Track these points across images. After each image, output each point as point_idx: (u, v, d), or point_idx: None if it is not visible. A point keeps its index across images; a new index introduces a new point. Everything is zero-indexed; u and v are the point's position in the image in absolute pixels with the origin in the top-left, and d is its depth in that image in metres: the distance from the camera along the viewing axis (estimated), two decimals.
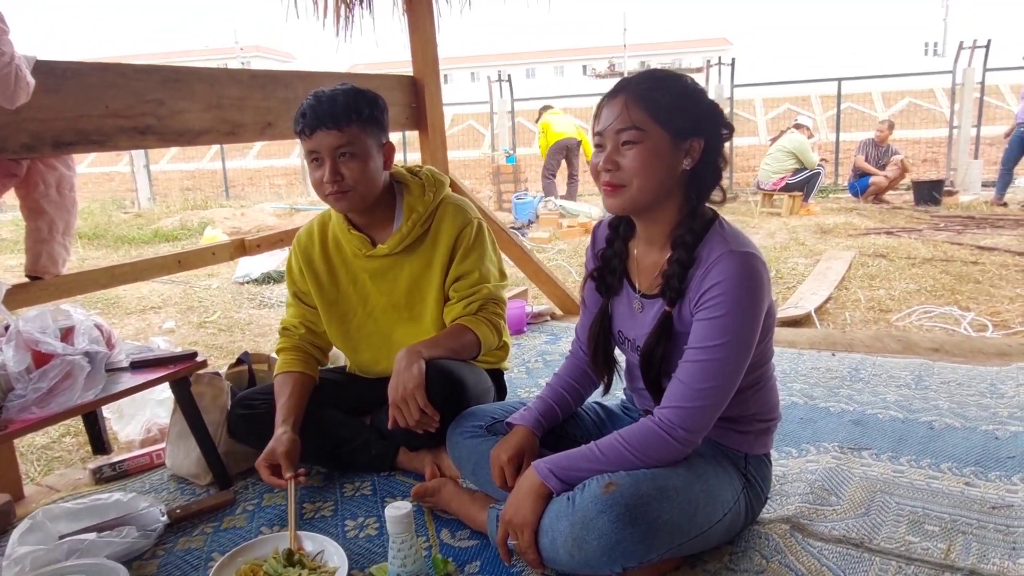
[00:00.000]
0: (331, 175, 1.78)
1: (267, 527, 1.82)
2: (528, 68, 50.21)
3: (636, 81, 1.40)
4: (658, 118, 1.36)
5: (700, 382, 1.37)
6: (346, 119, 1.76)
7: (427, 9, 3.19)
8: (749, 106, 18.52)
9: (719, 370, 1.37)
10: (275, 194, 14.43)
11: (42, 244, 2.20)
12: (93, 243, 8.93)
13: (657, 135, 1.37)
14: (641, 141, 1.37)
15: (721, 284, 1.35)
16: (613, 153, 1.39)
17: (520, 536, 1.42)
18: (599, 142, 1.42)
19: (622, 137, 1.38)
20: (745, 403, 1.53)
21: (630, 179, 1.39)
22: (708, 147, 1.41)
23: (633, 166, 1.38)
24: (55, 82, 1.97)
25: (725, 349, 1.36)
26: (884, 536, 1.60)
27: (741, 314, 1.35)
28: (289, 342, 2.05)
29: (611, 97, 1.41)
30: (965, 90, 10.47)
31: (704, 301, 1.37)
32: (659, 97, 1.37)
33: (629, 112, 1.36)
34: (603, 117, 1.41)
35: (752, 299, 1.36)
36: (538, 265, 3.65)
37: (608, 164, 1.40)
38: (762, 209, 8.87)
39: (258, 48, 50.91)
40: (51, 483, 2.21)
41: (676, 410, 1.38)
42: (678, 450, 1.39)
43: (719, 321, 1.35)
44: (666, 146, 1.37)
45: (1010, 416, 2.19)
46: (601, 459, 1.41)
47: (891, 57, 27.69)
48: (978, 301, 4.38)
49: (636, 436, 1.41)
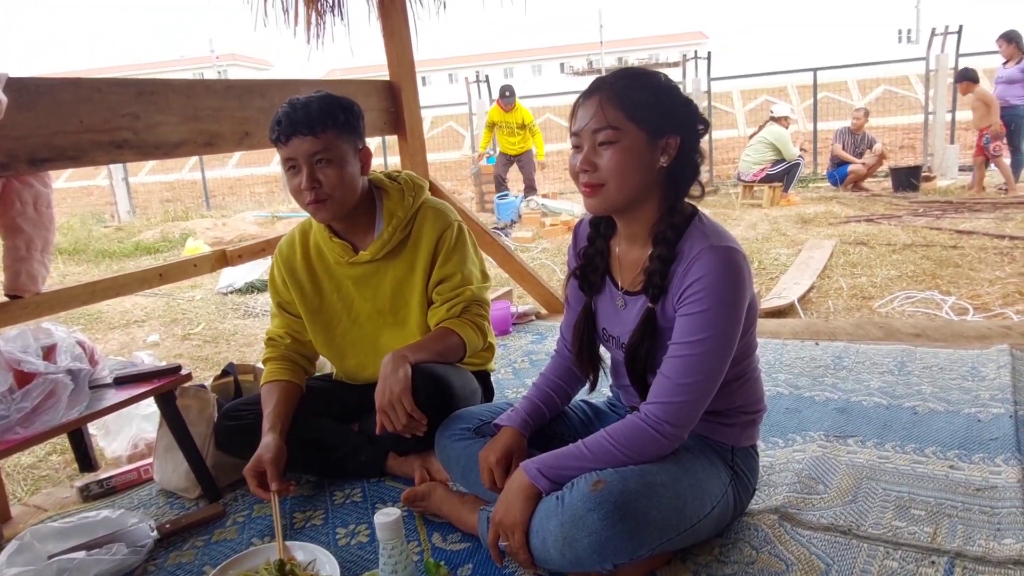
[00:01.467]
0: (308, 182, 1.78)
1: (258, 539, 1.81)
2: (506, 68, 50.19)
3: (610, 80, 1.41)
4: (633, 117, 1.37)
5: (684, 377, 1.38)
6: (321, 125, 1.76)
7: (401, 13, 3.19)
8: (727, 99, 18.65)
9: (703, 364, 1.38)
10: (256, 202, 14.35)
11: (20, 262, 2.18)
12: (73, 258, 8.85)
13: (633, 134, 1.37)
14: (617, 141, 1.37)
15: (703, 279, 1.36)
16: (590, 154, 1.40)
17: (511, 537, 1.42)
18: (576, 143, 1.42)
19: (598, 137, 1.38)
20: (730, 396, 1.54)
21: (608, 179, 1.39)
22: (684, 143, 1.42)
23: (610, 166, 1.38)
24: (28, 99, 1.96)
25: (708, 343, 1.37)
26: (871, 522, 1.62)
27: (723, 308, 1.37)
28: (275, 352, 2.05)
29: (586, 97, 1.42)
30: (939, 76, 10.56)
31: (686, 296, 1.38)
32: (634, 96, 1.38)
33: (604, 112, 1.37)
34: (579, 117, 1.41)
35: (734, 293, 1.37)
36: (522, 265, 3.66)
37: (585, 165, 1.40)
38: (743, 201, 8.92)
39: (234, 56, 50.58)
40: (38, 503, 2.20)
41: (662, 405, 1.39)
42: (665, 445, 1.40)
43: (702, 316, 1.36)
44: (642, 144, 1.38)
45: (992, 398, 2.21)
46: (589, 457, 1.42)
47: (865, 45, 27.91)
48: (958, 285, 4.42)
49: (623, 433, 1.41)
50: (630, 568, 1.41)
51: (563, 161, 15.85)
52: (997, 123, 7.82)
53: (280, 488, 1.75)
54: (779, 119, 9.00)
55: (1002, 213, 6.74)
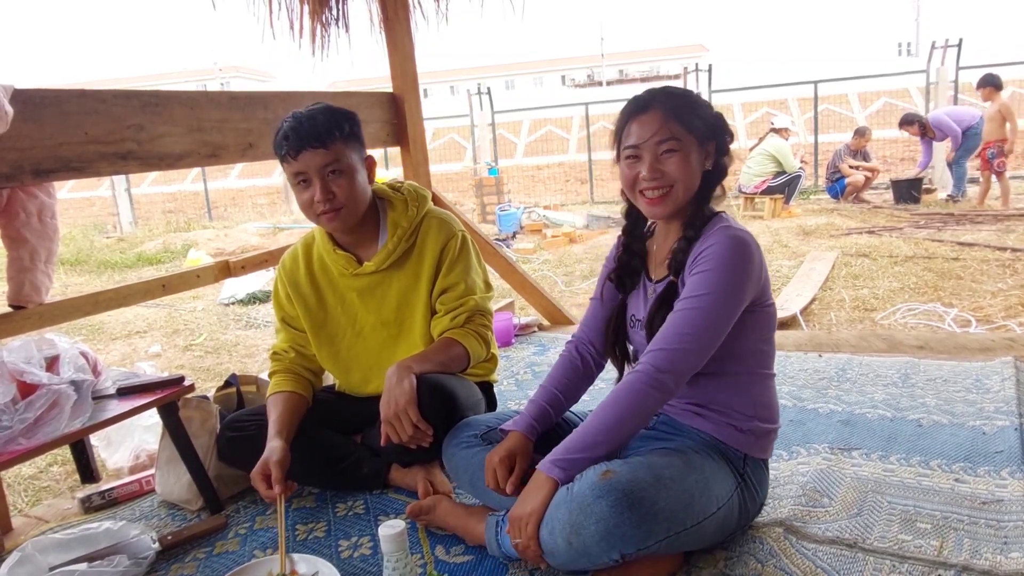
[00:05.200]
0: (323, 194, 1.79)
1: (260, 551, 1.80)
2: (507, 80, 50.41)
3: (662, 99, 1.54)
4: (690, 128, 1.52)
5: (682, 328, 1.47)
6: (330, 136, 1.77)
7: (404, 26, 3.20)
8: (728, 111, 18.68)
9: (701, 318, 1.46)
10: (258, 213, 14.38)
11: (24, 273, 2.19)
12: (76, 269, 8.86)
13: (689, 142, 1.53)
14: (680, 149, 1.52)
15: (712, 247, 1.49)
16: (655, 163, 1.52)
17: (524, 528, 1.45)
18: (634, 154, 1.54)
19: (662, 147, 1.51)
20: (747, 391, 1.58)
21: (675, 181, 1.53)
22: (719, 148, 1.58)
23: (677, 171, 1.52)
24: (33, 110, 1.96)
25: (709, 299, 1.46)
26: (877, 536, 1.61)
27: (726, 271, 1.47)
28: (281, 366, 2.05)
29: (642, 112, 1.54)
30: (939, 88, 10.61)
31: (696, 262, 1.50)
32: (686, 109, 1.53)
33: (668, 125, 1.51)
34: (638, 131, 1.54)
35: (738, 261, 1.48)
36: (524, 276, 3.66)
37: (654, 173, 1.52)
38: (744, 213, 8.93)
39: (237, 68, 50.79)
40: (39, 514, 2.19)
41: (656, 352, 1.47)
42: (655, 395, 1.46)
43: (705, 275, 1.47)
44: (696, 150, 1.54)
45: (996, 411, 2.21)
46: (590, 427, 1.48)
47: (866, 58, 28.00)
48: (961, 297, 4.42)
49: (617, 389, 1.49)
50: (636, 564, 1.43)
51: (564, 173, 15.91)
52: (1010, 139, 7.85)
53: (285, 489, 1.74)
54: (779, 131, 9.02)
55: (1004, 225, 6.74)
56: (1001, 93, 8.11)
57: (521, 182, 14.85)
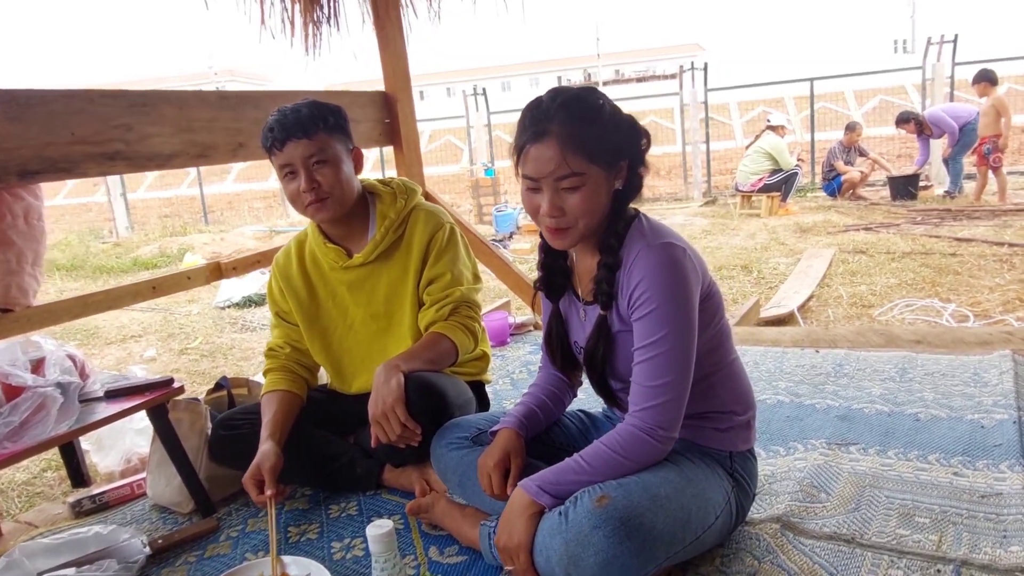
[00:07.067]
0: (307, 183, 1.80)
1: (252, 553, 1.78)
2: (503, 81, 50.36)
3: (562, 120, 1.36)
4: (593, 159, 1.37)
5: (656, 379, 1.38)
6: (314, 127, 1.79)
7: (396, 24, 3.19)
8: (724, 110, 18.68)
9: (669, 362, 1.38)
10: (254, 217, 14.36)
11: (11, 276, 2.15)
12: (71, 274, 8.83)
13: (595, 173, 1.38)
14: (583, 184, 1.38)
15: (645, 280, 1.38)
16: (555, 199, 1.39)
17: (516, 560, 1.40)
18: (533, 185, 1.41)
19: (562, 184, 1.38)
20: (715, 393, 1.53)
21: (576, 219, 1.41)
22: (632, 163, 1.45)
23: (579, 209, 1.39)
24: (18, 110, 1.94)
25: (668, 340, 1.38)
26: (875, 530, 1.59)
27: (672, 303, 1.37)
28: (276, 363, 2.04)
29: (537, 139, 1.37)
30: (935, 85, 10.60)
31: (634, 301, 1.40)
32: (591, 136, 1.37)
33: (567, 160, 1.35)
34: (535, 162, 1.38)
35: (678, 286, 1.38)
36: (520, 276, 3.64)
37: (553, 211, 1.40)
38: (741, 211, 8.92)
39: (232, 72, 50.68)
40: (30, 519, 2.16)
41: (645, 411, 1.39)
42: (660, 449, 1.40)
43: (653, 315, 1.38)
44: (603, 180, 1.40)
45: (994, 404, 2.19)
46: (588, 469, 1.40)
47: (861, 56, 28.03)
48: (958, 292, 4.41)
49: (619, 441, 1.40)
50: None
51: None
52: (1004, 134, 7.84)
53: (276, 493, 1.72)
54: (775, 128, 9.01)
55: (1000, 220, 6.73)
56: (997, 88, 8.10)
57: (517, 183, 14.76)
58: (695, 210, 9.82)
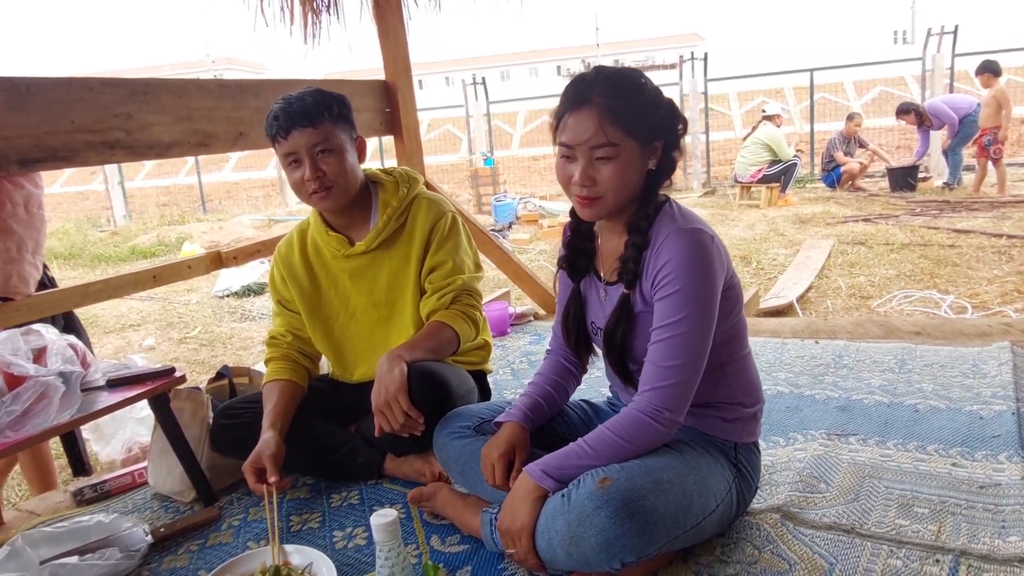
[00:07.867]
0: (312, 172, 1.79)
1: (254, 542, 1.79)
2: (503, 70, 50.18)
3: (601, 91, 1.38)
4: (630, 131, 1.38)
5: (669, 359, 1.39)
6: (319, 116, 1.78)
7: (396, 13, 3.17)
8: (723, 100, 18.63)
9: (685, 344, 1.39)
10: (253, 206, 14.33)
11: (11, 264, 2.15)
12: (69, 263, 8.82)
13: (629, 147, 1.39)
14: (617, 156, 1.38)
15: (671, 262, 1.39)
16: (588, 168, 1.40)
17: (519, 543, 1.41)
18: (568, 153, 1.42)
19: (597, 153, 1.39)
20: (726, 384, 1.54)
21: (607, 192, 1.41)
22: (667, 145, 1.45)
23: (611, 181, 1.40)
24: (18, 99, 1.94)
25: (687, 323, 1.38)
26: (874, 521, 1.60)
27: (695, 286, 1.38)
28: (277, 351, 2.04)
29: (577, 108, 1.40)
30: (935, 76, 10.59)
31: (658, 281, 1.41)
32: (629, 110, 1.38)
33: (604, 130, 1.37)
34: (572, 130, 1.40)
35: (703, 271, 1.39)
36: (519, 266, 3.64)
37: (585, 180, 1.40)
38: (740, 202, 8.92)
39: (229, 60, 50.45)
40: (31, 507, 2.17)
41: (653, 391, 1.40)
42: (663, 432, 1.41)
43: (675, 297, 1.39)
44: (637, 155, 1.41)
45: (993, 395, 2.20)
46: (591, 453, 1.41)
47: (861, 47, 27.93)
48: (957, 284, 4.41)
49: (622, 424, 1.42)
50: (636, 568, 1.39)
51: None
52: (1004, 126, 7.84)
53: (277, 482, 1.73)
54: (772, 118, 9.00)
55: (999, 212, 6.74)
56: (999, 80, 8.10)
57: (517, 173, 14.82)
58: (694, 200, 9.82)
